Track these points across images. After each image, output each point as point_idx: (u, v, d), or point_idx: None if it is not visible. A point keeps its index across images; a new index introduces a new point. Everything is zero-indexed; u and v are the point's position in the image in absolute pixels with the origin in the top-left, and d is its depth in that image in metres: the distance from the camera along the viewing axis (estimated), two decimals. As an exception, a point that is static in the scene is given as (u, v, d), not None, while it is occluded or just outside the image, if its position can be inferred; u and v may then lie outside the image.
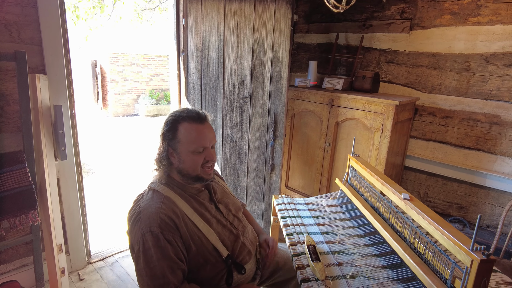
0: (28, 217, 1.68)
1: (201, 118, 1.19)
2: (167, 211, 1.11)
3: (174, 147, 1.17)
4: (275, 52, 2.25)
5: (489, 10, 2.06)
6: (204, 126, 1.19)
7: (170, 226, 1.09)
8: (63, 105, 1.90)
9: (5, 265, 1.91)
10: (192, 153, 1.16)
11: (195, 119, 1.17)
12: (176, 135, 1.17)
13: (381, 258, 1.28)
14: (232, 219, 1.29)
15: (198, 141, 1.16)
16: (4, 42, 1.69)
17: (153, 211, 1.10)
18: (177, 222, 1.11)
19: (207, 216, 1.20)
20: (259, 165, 2.45)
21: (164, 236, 1.07)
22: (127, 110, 10.26)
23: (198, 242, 1.14)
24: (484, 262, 0.81)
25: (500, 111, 2.11)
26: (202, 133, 1.17)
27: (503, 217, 1.76)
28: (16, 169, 1.67)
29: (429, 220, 1.05)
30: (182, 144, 1.16)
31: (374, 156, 2.25)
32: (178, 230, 1.10)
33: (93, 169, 4.84)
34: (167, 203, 1.14)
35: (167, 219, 1.09)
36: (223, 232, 1.22)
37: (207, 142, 1.18)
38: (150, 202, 1.14)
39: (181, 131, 1.16)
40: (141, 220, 1.10)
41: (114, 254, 2.40)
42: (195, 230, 1.14)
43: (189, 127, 1.16)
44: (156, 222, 1.07)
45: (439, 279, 0.98)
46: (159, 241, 1.06)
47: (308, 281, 1.09)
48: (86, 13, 6.52)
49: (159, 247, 1.05)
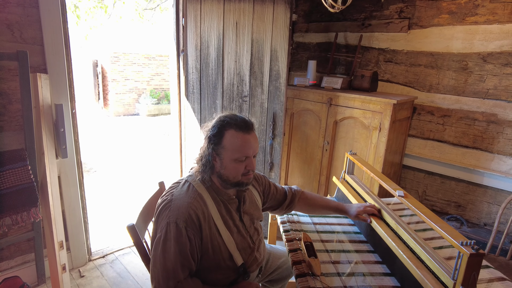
0: (30, 214, 1.71)
1: (248, 127, 1.18)
2: (196, 209, 1.12)
3: (218, 152, 1.17)
4: (274, 51, 2.27)
5: (486, 10, 2.07)
6: (250, 135, 1.18)
7: (195, 224, 1.10)
8: (64, 104, 1.93)
9: (7, 261, 1.93)
10: (235, 161, 1.16)
11: (242, 128, 1.16)
12: (221, 141, 1.16)
13: (376, 254, 1.30)
14: (253, 233, 1.29)
15: (242, 150, 1.15)
16: (6, 41, 1.71)
17: (184, 204, 1.12)
18: (202, 222, 1.12)
19: (230, 224, 1.21)
20: (258, 163, 2.47)
21: (187, 232, 1.08)
22: (128, 109, 10.29)
23: (216, 247, 1.15)
24: (474, 256, 0.83)
25: (497, 110, 2.12)
26: (248, 143, 1.17)
27: (499, 215, 1.78)
28: (18, 167, 1.69)
29: (422, 216, 1.07)
30: (226, 150, 1.15)
31: (372, 154, 2.27)
32: (200, 231, 1.12)
33: (94, 168, 4.87)
34: (199, 201, 1.15)
35: (194, 216, 1.11)
36: (241, 243, 1.22)
37: (251, 152, 1.18)
38: (183, 195, 1.15)
39: (227, 138, 1.15)
40: (171, 209, 1.12)
41: (114, 251, 2.43)
42: (216, 235, 1.15)
43: (236, 135, 1.15)
44: (184, 216, 1.09)
45: (431, 274, 0.99)
46: (181, 236, 1.08)
47: (304, 276, 1.11)
48: (87, 13, 6.55)
49: (179, 242, 1.07)
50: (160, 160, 5.47)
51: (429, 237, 1.42)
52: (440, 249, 1.34)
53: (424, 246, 1.07)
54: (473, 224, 2.30)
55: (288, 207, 1.47)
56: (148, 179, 4.45)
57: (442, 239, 1.39)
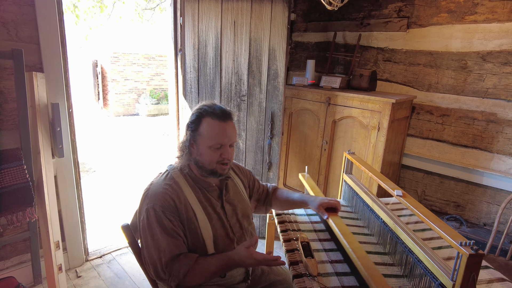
0: (25, 214, 1.69)
1: (224, 115, 1.20)
2: (171, 193, 1.16)
3: (195, 139, 1.21)
4: (272, 50, 2.26)
5: (486, 8, 2.06)
6: (226, 124, 1.20)
7: (171, 206, 1.14)
8: (60, 103, 1.91)
9: (3, 261, 1.92)
10: (210, 148, 1.18)
11: (219, 116, 1.19)
12: (198, 127, 1.20)
13: (375, 255, 1.28)
14: (234, 223, 1.28)
15: (217, 138, 1.18)
16: (2, 40, 1.70)
17: (159, 191, 1.16)
18: (178, 206, 1.15)
19: (209, 210, 1.21)
20: (257, 163, 2.45)
21: (166, 216, 1.12)
22: (127, 109, 10.28)
23: (193, 231, 1.17)
24: (473, 257, 0.81)
25: (496, 109, 2.11)
26: (223, 131, 1.19)
27: (499, 215, 1.76)
28: (13, 166, 1.68)
29: (421, 216, 1.06)
30: (202, 137, 1.19)
31: (371, 154, 2.26)
32: (178, 212, 1.15)
33: (93, 168, 4.85)
34: (174, 187, 1.18)
35: (170, 200, 1.14)
36: (220, 231, 1.22)
37: (226, 140, 1.19)
38: (160, 182, 1.20)
39: (203, 125, 1.19)
40: (148, 196, 1.17)
41: (111, 251, 2.42)
42: (193, 219, 1.17)
43: (212, 122, 1.19)
44: (160, 201, 1.13)
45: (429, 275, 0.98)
46: (161, 219, 1.12)
47: (300, 277, 1.10)
48: (86, 13, 6.53)
49: (161, 224, 1.11)
50: (160, 160, 5.46)
51: (428, 237, 1.41)
52: (439, 249, 1.32)
53: (423, 246, 1.06)
54: (472, 224, 2.28)
55: (267, 203, 1.53)
56: (147, 179, 4.43)
57: (441, 239, 1.37)
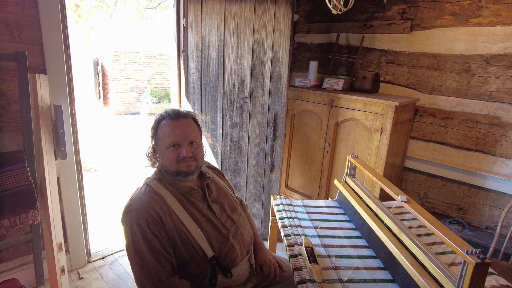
0: (28, 216, 1.69)
1: (178, 115, 1.22)
2: (155, 206, 1.14)
3: (156, 143, 1.23)
4: (275, 52, 2.25)
5: (490, 11, 2.05)
6: (179, 122, 1.21)
7: (156, 220, 1.12)
8: (63, 104, 1.91)
9: (5, 263, 1.92)
10: (167, 149, 1.19)
11: (171, 117, 1.22)
12: (156, 132, 1.23)
13: (379, 259, 1.28)
14: (225, 220, 1.27)
15: (171, 137, 1.19)
16: (5, 42, 1.69)
17: (141, 205, 1.14)
18: (163, 218, 1.13)
19: (196, 215, 1.20)
20: (259, 165, 2.45)
21: (151, 230, 1.10)
22: (128, 108, 10.27)
23: (185, 239, 1.15)
24: (479, 266, 0.81)
25: (500, 112, 2.10)
26: (175, 129, 1.20)
27: (502, 219, 1.76)
28: (16, 168, 1.68)
29: (426, 223, 1.05)
30: (160, 140, 1.21)
31: (374, 156, 2.25)
32: (163, 225, 1.13)
33: (94, 168, 4.85)
34: (157, 198, 1.17)
35: (154, 214, 1.12)
36: (212, 232, 1.20)
37: (180, 139, 1.19)
38: (141, 196, 1.18)
39: (160, 129, 1.22)
40: (131, 212, 1.14)
41: (113, 253, 2.42)
42: (182, 228, 1.16)
43: (165, 123, 1.21)
44: (143, 216, 1.11)
45: (434, 282, 0.98)
46: (146, 234, 1.10)
47: (305, 283, 1.10)
48: (88, 12, 6.53)
49: (146, 240, 1.09)
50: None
51: (431, 242, 1.41)
52: (442, 254, 1.32)
53: (427, 252, 1.06)
54: (475, 228, 2.28)
55: None
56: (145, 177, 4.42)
57: (444, 244, 1.37)
